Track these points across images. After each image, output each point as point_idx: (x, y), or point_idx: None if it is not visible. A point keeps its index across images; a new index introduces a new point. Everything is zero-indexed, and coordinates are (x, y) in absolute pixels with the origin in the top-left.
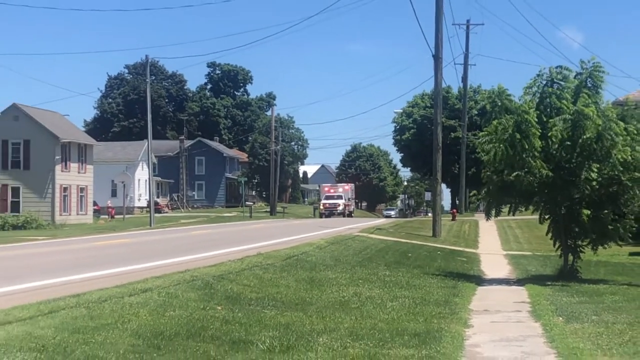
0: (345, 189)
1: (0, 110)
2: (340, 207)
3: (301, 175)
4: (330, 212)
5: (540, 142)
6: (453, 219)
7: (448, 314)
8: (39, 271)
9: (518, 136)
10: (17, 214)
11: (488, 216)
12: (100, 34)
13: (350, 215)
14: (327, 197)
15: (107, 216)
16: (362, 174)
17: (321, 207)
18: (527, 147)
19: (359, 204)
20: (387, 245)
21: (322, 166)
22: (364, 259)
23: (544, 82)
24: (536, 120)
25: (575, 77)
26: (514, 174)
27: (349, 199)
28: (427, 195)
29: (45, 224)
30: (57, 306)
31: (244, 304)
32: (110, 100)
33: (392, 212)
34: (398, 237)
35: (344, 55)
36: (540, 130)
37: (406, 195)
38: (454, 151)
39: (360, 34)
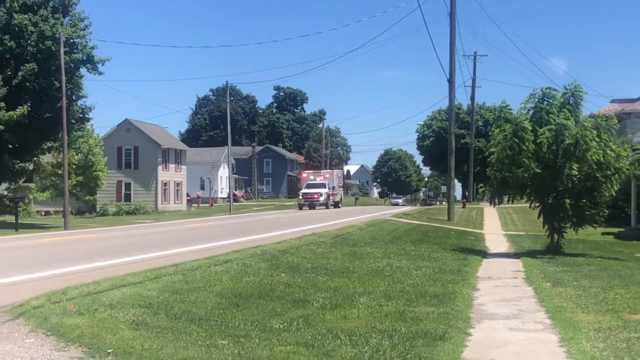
0: (327, 177)
1: (116, 124)
2: (323, 198)
3: (345, 173)
4: (310, 203)
5: (532, 146)
6: (463, 207)
7: (460, 280)
8: (144, 246)
9: (515, 141)
10: (129, 203)
11: (492, 203)
12: (192, 65)
13: (337, 206)
14: (308, 186)
15: (197, 205)
16: (393, 172)
17: (300, 197)
18: (522, 149)
19: (389, 195)
20: (412, 227)
21: (362, 166)
22: (394, 237)
23: (537, 100)
24: (530, 128)
25: (561, 96)
26: (512, 170)
27: (333, 188)
28: (443, 188)
29: (150, 210)
30: (160, 273)
31: (302, 272)
32: (199, 116)
33: (400, 200)
34: (421, 220)
35: (379, 79)
36: (532, 137)
37: (427, 188)
38: (464, 154)
39: (391, 62)
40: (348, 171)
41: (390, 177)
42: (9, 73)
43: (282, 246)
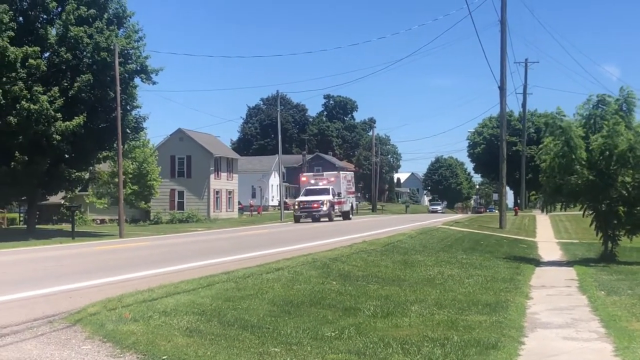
0: (331, 180)
1: (169, 133)
2: (325, 207)
3: (395, 180)
4: (308, 213)
5: (585, 154)
6: (515, 214)
7: (513, 288)
8: (197, 254)
9: (567, 149)
10: (182, 211)
11: (544, 211)
12: (243, 75)
13: (346, 217)
14: (307, 192)
15: (249, 213)
16: (443, 179)
17: (295, 206)
18: (574, 157)
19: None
20: (464, 235)
21: (412, 174)
22: (445, 245)
23: (592, 106)
24: (583, 135)
25: (614, 103)
26: (565, 178)
27: (339, 195)
28: (495, 196)
29: (202, 218)
30: (213, 280)
31: (353, 280)
32: (250, 125)
33: (439, 207)
34: (472, 228)
35: (429, 87)
36: (585, 144)
37: (478, 196)
38: (515, 161)
39: (441, 70)
40: (398, 179)
41: (441, 184)
42: (66, 84)
43: (333, 254)
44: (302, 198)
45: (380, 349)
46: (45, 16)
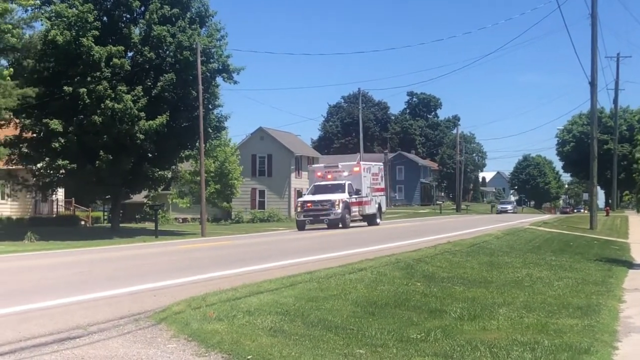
0: (348, 174)
1: (250, 132)
2: (338, 210)
3: (480, 180)
4: (314, 218)
5: None
6: (607, 215)
7: (604, 291)
8: (278, 254)
9: None
10: (263, 210)
11: (638, 211)
12: (324, 72)
13: (371, 222)
14: (316, 189)
15: None
16: (531, 178)
17: (297, 207)
18: None
19: (527, 202)
20: (552, 236)
21: (498, 172)
22: (533, 247)
23: None
24: None
25: None
26: None
27: (357, 192)
28: (585, 196)
29: (283, 217)
30: (296, 280)
31: (438, 281)
32: (330, 123)
33: (509, 207)
34: (561, 229)
35: (515, 83)
36: None
37: (567, 196)
38: (606, 160)
39: (528, 65)
40: (483, 178)
41: (528, 184)
42: (149, 84)
43: (417, 255)
44: (306, 197)
45: (467, 353)
46: (128, 15)
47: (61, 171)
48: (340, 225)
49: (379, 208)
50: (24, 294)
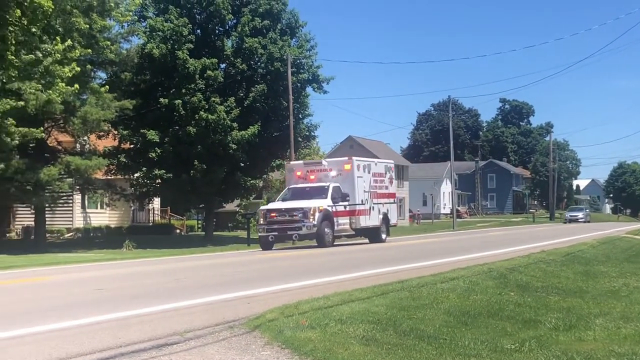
0: (346, 170)
1: (339, 141)
2: (312, 221)
3: (574, 187)
4: (280, 233)
5: None
6: None
7: None
8: (369, 262)
9: None
10: None
11: None
12: (412, 81)
13: (376, 237)
14: (294, 193)
15: (416, 221)
16: (627, 186)
17: (260, 219)
18: None
19: (622, 210)
20: None
21: (592, 180)
22: (630, 255)
23: None
24: None
25: None
26: None
27: (344, 198)
28: None
29: None
30: (387, 289)
31: (532, 291)
32: (420, 131)
33: (580, 214)
34: None
35: (610, 88)
36: None
37: None
38: None
39: (623, 70)
40: (577, 185)
41: (624, 191)
42: (241, 95)
43: (510, 264)
44: (272, 205)
45: None
46: (221, 28)
47: (157, 181)
48: (319, 244)
49: (385, 219)
50: (122, 301)
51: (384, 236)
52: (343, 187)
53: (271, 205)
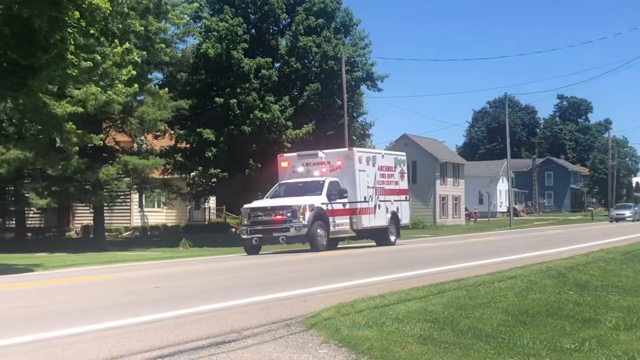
0: (346, 162)
1: (394, 139)
2: (302, 221)
3: (634, 185)
4: (265, 235)
5: None
6: None
7: None
8: (425, 261)
9: None
10: None
11: None
12: (469, 78)
13: (383, 239)
14: (286, 189)
15: (473, 220)
16: None
17: (244, 219)
18: None
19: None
20: None
21: None
22: None
23: None
24: None
25: None
26: None
27: (342, 195)
28: None
29: (428, 224)
30: (443, 288)
31: (591, 290)
32: (476, 129)
33: (627, 212)
34: None
35: None
36: None
37: None
38: None
39: None
40: (637, 183)
41: None
42: (295, 93)
43: (568, 263)
44: (257, 203)
45: None
46: (275, 28)
47: (213, 180)
48: (313, 248)
49: (394, 219)
50: (179, 299)
51: (392, 238)
52: (342, 182)
53: (256, 204)
